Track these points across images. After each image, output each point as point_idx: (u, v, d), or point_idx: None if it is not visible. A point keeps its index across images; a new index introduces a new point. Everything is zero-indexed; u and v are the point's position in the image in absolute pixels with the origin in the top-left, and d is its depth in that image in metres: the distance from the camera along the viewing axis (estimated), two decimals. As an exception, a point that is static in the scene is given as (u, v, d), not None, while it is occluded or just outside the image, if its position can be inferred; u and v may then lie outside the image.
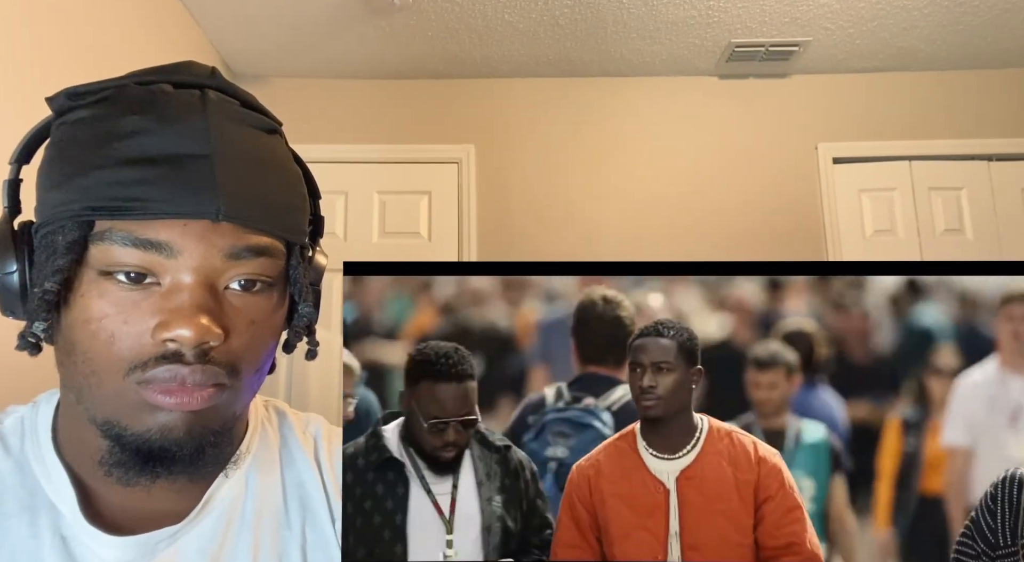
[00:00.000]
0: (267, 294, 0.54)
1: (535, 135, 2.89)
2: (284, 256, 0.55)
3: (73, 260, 0.49)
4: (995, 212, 2.82)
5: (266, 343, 0.55)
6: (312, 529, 0.61)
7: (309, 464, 0.64)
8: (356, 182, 2.82)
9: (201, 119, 0.51)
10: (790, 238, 2.80)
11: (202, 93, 0.53)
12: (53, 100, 0.53)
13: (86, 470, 0.55)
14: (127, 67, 0.57)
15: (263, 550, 0.58)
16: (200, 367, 0.49)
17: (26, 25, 1.54)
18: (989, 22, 2.54)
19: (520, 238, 2.80)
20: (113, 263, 0.49)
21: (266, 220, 0.53)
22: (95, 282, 0.49)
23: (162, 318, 0.49)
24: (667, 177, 2.86)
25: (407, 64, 2.79)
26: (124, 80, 0.53)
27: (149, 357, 0.49)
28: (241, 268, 0.52)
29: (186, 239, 0.49)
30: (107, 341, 0.49)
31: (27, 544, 0.52)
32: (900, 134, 2.88)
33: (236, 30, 2.52)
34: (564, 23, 2.51)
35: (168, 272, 0.49)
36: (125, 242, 0.48)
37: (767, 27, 2.55)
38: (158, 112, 0.50)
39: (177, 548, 0.55)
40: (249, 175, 0.52)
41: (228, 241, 0.50)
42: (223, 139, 0.51)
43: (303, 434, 0.67)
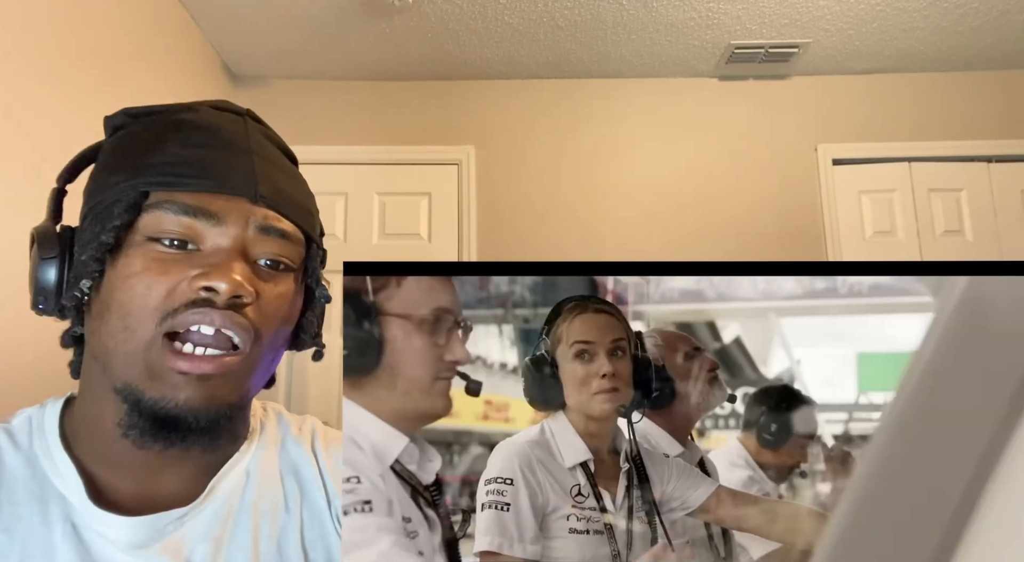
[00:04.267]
0: (290, 276, 0.61)
1: (535, 136, 2.89)
2: (304, 246, 0.62)
3: (128, 222, 0.55)
4: (995, 213, 2.83)
5: (286, 321, 0.61)
6: (309, 515, 0.64)
7: (305, 453, 0.67)
8: (356, 183, 2.83)
9: (242, 128, 0.61)
10: (790, 239, 2.80)
11: (242, 116, 0.63)
12: (112, 118, 0.62)
13: (96, 455, 0.58)
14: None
15: (263, 534, 0.61)
16: (230, 314, 0.54)
17: (26, 26, 1.54)
18: (989, 23, 2.54)
19: (520, 238, 2.80)
20: (162, 229, 0.55)
21: (292, 212, 0.61)
22: (141, 245, 0.55)
23: (201, 270, 0.54)
24: (667, 178, 2.86)
25: (407, 66, 2.79)
26: (175, 105, 0.62)
27: (181, 303, 0.53)
28: (269, 245, 0.58)
29: (229, 211, 0.56)
30: (144, 292, 0.54)
31: (39, 531, 0.55)
32: (900, 135, 2.88)
33: (236, 32, 2.52)
34: (564, 25, 2.52)
35: (210, 238, 0.56)
36: (177, 210, 0.55)
37: (767, 28, 2.55)
38: (205, 119, 0.60)
39: (184, 531, 0.58)
40: (279, 175, 0.62)
41: (262, 218, 0.58)
42: (259, 145, 0.61)
43: (299, 430, 0.70)
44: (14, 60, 1.49)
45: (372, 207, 2.83)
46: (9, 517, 0.55)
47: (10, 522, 0.55)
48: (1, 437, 0.59)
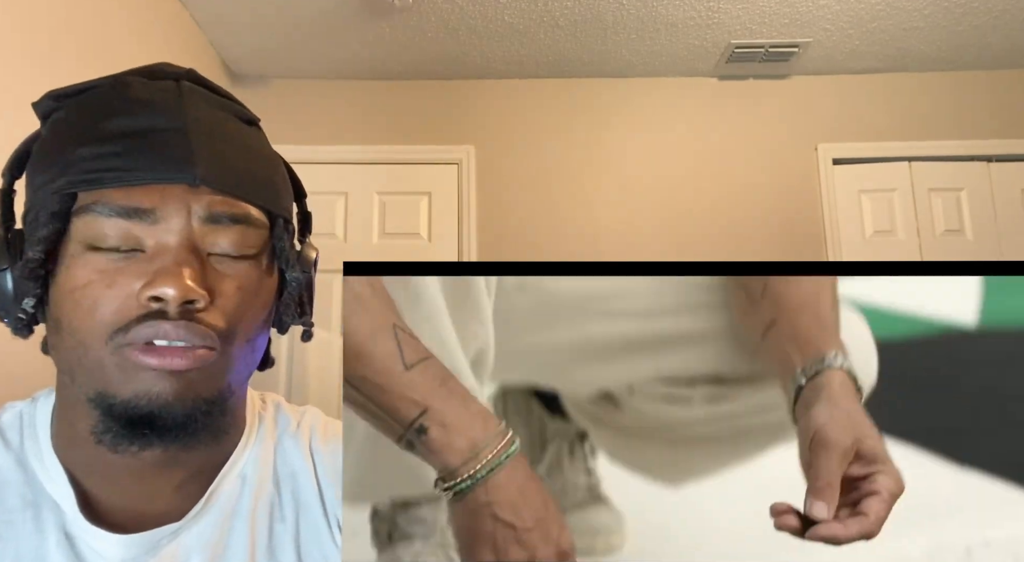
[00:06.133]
0: (253, 262, 0.54)
1: (535, 135, 2.89)
2: (267, 228, 0.56)
3: (57, 230, 0.50)
4: (995, 213, 2.82)
5: (255, 312, 0.55)
6: (305, 522, 0.61)
7: (302, 456, 0.64)
8: (356, 183, 2.83)
9: (175, 99, 0.53)
10: (790, 238, 2.80)
11: (177, 83, 0.55)
12: (39, 104, 0.55)
13: (80, 464, 0.54)
14: (126, 67, 0.57)
15: (259, 543, 0.58)
16: (185, 324, 0.49)
17: (25, 26, 1.54)
18: (989, 23, 2.54)
19: (520, 238, 2.80)
20: (98, 235, 0.50)
21: (243, 188, 0.54)
22: (80, 255, 0.50)
23: (147, 279, 0.49)
24: (667, 178, 2.86)
25: (407, 65, 2.79)
26: (104, 79, 0.55)
27: (131, 318, 0.49)
28: (221, 234, 0.52)
29: (166, 203, 0.50)
30: (90, 308, 0.49)
31: (32, 540, 0.52)
32: (900, 135, 2.88)
33: (236, 31, 2.52)
34: (564, 24, 2.52)
35: (151, 237, 0.50)
36: (109, 213, 0.49)
37: (767, 28, 2.55)
38: (134, 96, 0.53)
39: (179, 543, 0.55)
40: (224, 147, 0.54)
41: (207, 205, 0.51)
42: (197, 116, 0.53)
43: (297, 426, 0.66)
44: (12, 59, 1.49)
45: (372, 207, 2.83)
46: (1, 524, 0.52)
47: (3, 529, 0.52)
48: None
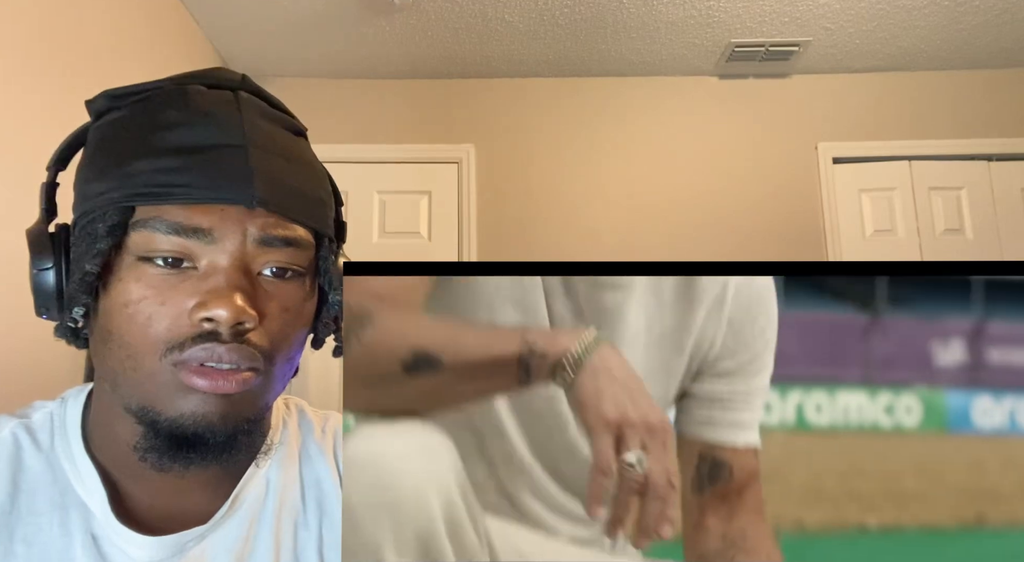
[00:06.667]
0: (298, 282, 0.56)
1: (535, 135, 2.89)
2: (313, 247, 0.57)
3: (113, 244, 0.51)
4: (995, 212, 2.82)
5: (297, 332, 0.56)
6: (328, 530, 0.61)
7: (326, 462, 0.64)
8: (356, 182, 2.82)
9: (235, 113, 0.54)
10: (790, 238, 2.80)
11: (235, 93, 0.56)
12: (93, 102, 0.56)
13: (117, 466, 0.55)
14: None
15: (284, 549, 0.59)
16: (236, 347, 0.50)
17: (25, 26, 1.54)
18: (989, 22, 2.54)
19: (520, 238, 2.80)
20: (153, 249, 0.50)
21: (297, 209, 0.55)
22: (133, 267, 0.51)
23: (199, 299, 0.50)
24: (667, 177, 2.86)
25: (407, 64, 2.79)
26: (161, 82, 0.56)
27: (186, 337, 0.50)
28: (273, 255, 0.53)
29: (224, 225, 0.51)
30: (144, 323, 0.50)
31: (58, 542, 0.53)
32: (900, 134, 2.88)
33: (236, 30, 2.52)
34: (564, 23, 2.51)
35: (205, 256, 0.51)
36: (167, 229, 0.50)
37: (767, 27, 2.55)
38: (194, 107, 0.53)
39: (204, 547, 0.56)
40: (280, 167, 0.55)
41: (261, 228, 0.52)
42: (255, 132, 0.54)
43: (321, 432, 0.67)
44: (12, 60, 1.49)
45: (372, 206, 2.83)
46: (29, 526, 0.53)
47: (30, 532, 0.52)
48: (22, 435, 0.56)
